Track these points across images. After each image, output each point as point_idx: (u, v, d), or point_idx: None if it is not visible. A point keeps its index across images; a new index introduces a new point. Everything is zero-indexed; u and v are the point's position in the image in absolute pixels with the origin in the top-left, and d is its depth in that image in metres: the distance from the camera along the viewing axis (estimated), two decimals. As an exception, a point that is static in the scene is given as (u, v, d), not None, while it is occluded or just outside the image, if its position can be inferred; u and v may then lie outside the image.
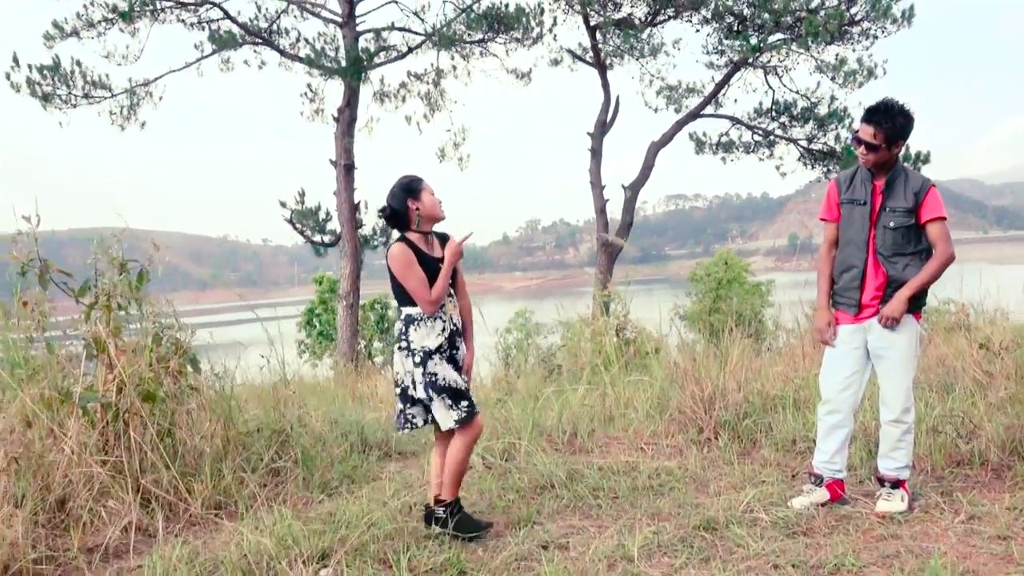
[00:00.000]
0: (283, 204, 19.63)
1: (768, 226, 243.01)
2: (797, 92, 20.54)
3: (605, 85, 20.95)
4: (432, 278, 4.17)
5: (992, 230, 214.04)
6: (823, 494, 4.57)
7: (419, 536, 4.25)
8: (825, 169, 20.60)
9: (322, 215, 19.77)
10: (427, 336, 4.17)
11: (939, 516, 4.28)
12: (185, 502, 4.75)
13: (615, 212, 21.32)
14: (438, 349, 4.16)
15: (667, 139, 21.07)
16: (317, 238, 20.02)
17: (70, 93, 18.08)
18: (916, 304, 4.40)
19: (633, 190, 20.95)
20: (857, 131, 4.38)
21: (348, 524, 4.35)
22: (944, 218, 4.32)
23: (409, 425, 4.28)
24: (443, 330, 4.19)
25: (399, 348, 4.24)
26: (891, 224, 4.34)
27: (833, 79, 19.42)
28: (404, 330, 4.21)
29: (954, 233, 4.39)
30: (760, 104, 21.11)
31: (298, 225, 19.82)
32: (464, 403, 4.16)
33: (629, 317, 9.88)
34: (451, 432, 4.25)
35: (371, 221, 19.77)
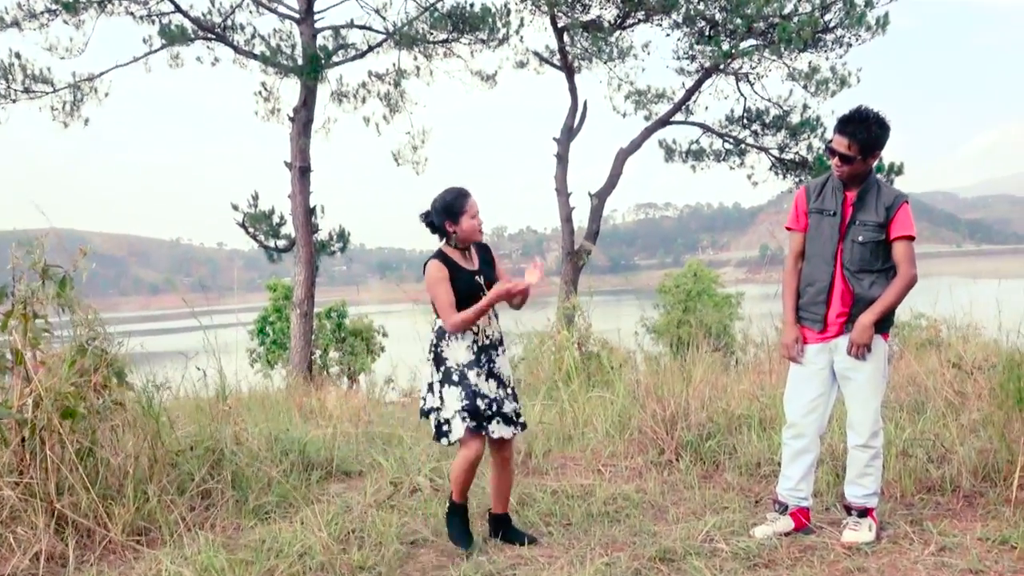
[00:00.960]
0: (235, 207, 19.30)
1: (739, 237, 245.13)
2: (769, 100, 20.64)
3: (572, 89, 20.91)
4: (466, 291, 4.29)
5: (965, 244, 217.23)
6: (787, 523, 4.46)
7: (353, 567, 4.07)
8: (797, 179, 20.68)
9: (276, 219, 19.47)
10: (459, 350, 4.31)
11: (908, 547, 4.17)
12: (104, 528, 4.53)
13: (582, 220, 21.27)
14: (474, 364, 4.30)
15: (636, 146, 21.08)
16: (271, 243, 19.71)
17: (9, 87, 17.66)
18: (884, 324, 4.29)
19: (600, 198, 20.91)
20: (831, 141, 4.27)
21: (279, 553, 4.16)
22: (912, 237, 4.22)
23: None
24: (473, 342, 4.31)
25: (428, 359, 4.40)
26: (860, 238, 4.23)
27: (806, 87, 19.51)
28: (436, 342, 4.36)
29: (927, 247, 4.33)
30: (731, 112, 21.17)
31: (251, 229, 19.50)
32: (467, 423, 4.23)
33: (591, 330, 9.76)
34: (502, 444, 4.44)
35: (327, 226, 19.53)
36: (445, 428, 4.31)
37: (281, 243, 19.63)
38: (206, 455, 5.37)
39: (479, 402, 4.24)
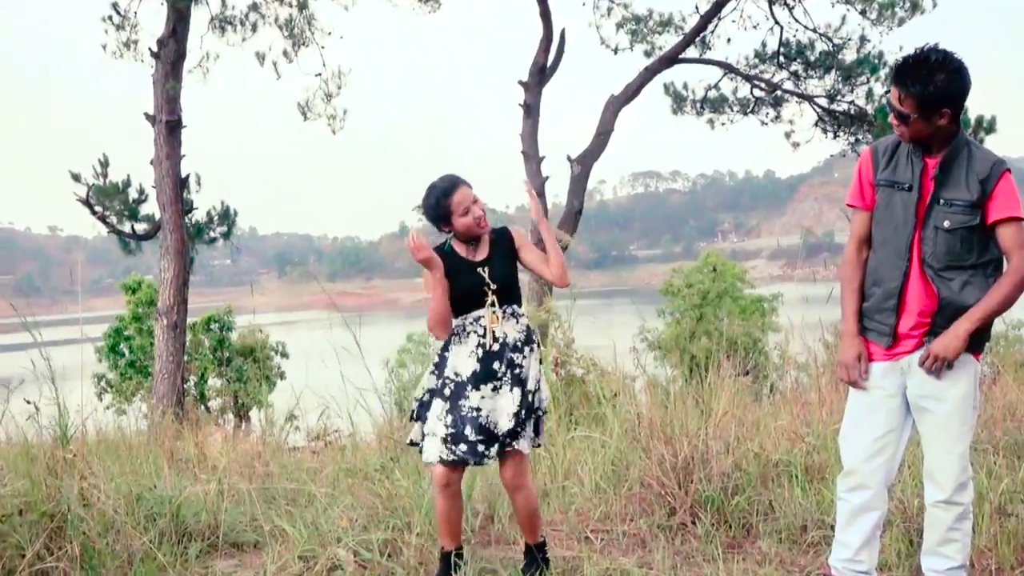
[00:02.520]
0: (76, 177, 19.16)
1: (774, 217, 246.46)
2: (814, 30, 20.78)
3: (545, 14, 20.93)
4: (467, 287, 5.01)
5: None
6: (844, 606, 4.52)
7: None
8: (852, 138, 20.84)
9: (133, 194, 19.34)
10: (460, 356, 5.00)
11: (1007, 638, 4.24)
12: (-100, 623, 4.50)
13: (558, 194, 21.33)
14: (479, 379, 4.93)
15: (632, 93, 21.13)
16: (126, 227, 19.58)
17: None
18: (976, 340, 4.30)
19: (584, 164, 20.96)
20: (889, 92, 4.31)
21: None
22: (1021, 219, 4.20)
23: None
24: (478, 347, 4.96)
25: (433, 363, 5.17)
26: (946, 224, 4.23)
27: (864, 13, 19.67)
28: (446, 344, 5.09)
29: (1028, 231, 4.26)
30: (763, 46, 21.33)
31: (98, 208, 19.37)
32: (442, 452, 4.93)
33: (574, 346, 9.80)
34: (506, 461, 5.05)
35: (205, 203, 19.46)
36: (421, 444, 5.05)
37: (141, 227, 19.50)
38: (42, 521, 5.34)
39: (468, 431, 4.87)
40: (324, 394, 9.38)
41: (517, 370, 4.98)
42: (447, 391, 4.97)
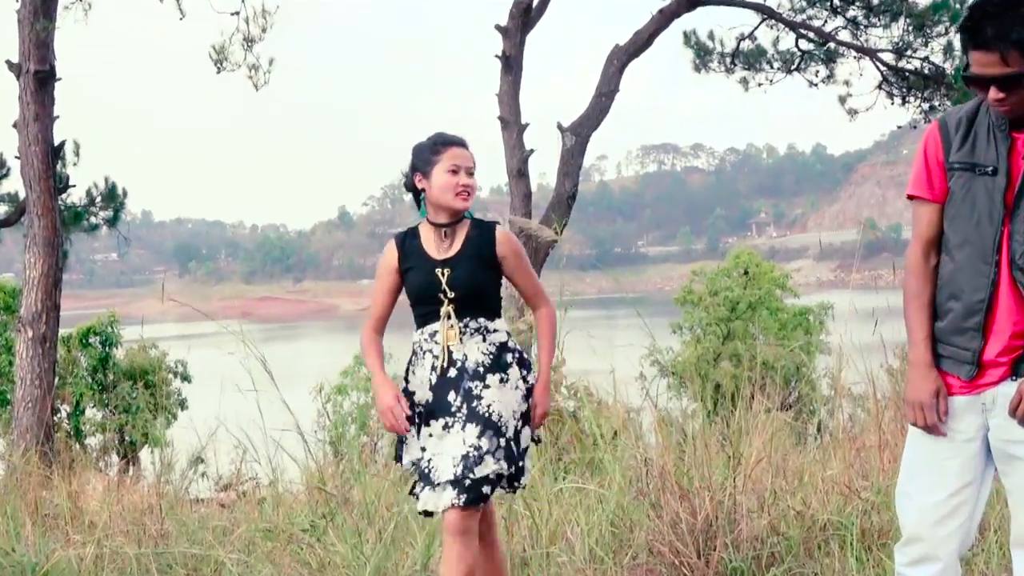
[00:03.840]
0: (-83, 146, 19.16)
1: (824, 205, 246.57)
2: (877, -35, 20.80)
3: (530, -60, 20.93)
4: (421, 288, 5.12)
5: None
6: None
7: None
8: (925, 105, 20.83)
9: (-9, 167, 19.35)
10: (419, 381, 5.16)
11: None
12: None
13: (547, 174, 21.37)
14: (435, 409, 5.05)
15: (643, 43, 21.09)
16: (-20, 210, 19.58)
17: None
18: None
19: (580, 134, 20.90)
20: (966, 68, 4.03)
21: None
22: None
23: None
24: (432, 370, 5.09)
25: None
26: None
27: (941, -57, 19.75)
28: (407, 365, 5.29)
29: None
30: (812, -15, 21.34)
31: (-56, 185, 19.37)
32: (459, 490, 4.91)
33: (564, 371, 9.83)
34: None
35: (85, 179, 19.42)
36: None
37: (1, 209, 19.46)
38: None
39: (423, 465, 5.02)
40: (238, 428, 9.38)
41: (475, 403, 4.97)
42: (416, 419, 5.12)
